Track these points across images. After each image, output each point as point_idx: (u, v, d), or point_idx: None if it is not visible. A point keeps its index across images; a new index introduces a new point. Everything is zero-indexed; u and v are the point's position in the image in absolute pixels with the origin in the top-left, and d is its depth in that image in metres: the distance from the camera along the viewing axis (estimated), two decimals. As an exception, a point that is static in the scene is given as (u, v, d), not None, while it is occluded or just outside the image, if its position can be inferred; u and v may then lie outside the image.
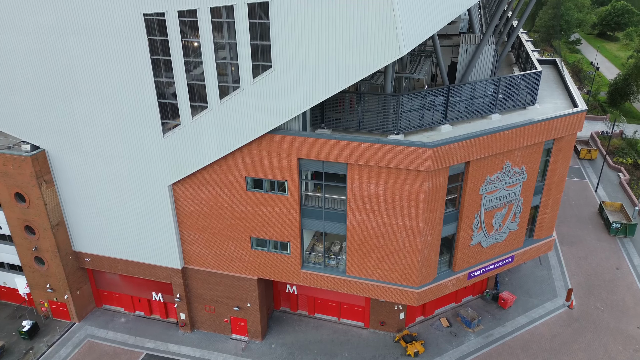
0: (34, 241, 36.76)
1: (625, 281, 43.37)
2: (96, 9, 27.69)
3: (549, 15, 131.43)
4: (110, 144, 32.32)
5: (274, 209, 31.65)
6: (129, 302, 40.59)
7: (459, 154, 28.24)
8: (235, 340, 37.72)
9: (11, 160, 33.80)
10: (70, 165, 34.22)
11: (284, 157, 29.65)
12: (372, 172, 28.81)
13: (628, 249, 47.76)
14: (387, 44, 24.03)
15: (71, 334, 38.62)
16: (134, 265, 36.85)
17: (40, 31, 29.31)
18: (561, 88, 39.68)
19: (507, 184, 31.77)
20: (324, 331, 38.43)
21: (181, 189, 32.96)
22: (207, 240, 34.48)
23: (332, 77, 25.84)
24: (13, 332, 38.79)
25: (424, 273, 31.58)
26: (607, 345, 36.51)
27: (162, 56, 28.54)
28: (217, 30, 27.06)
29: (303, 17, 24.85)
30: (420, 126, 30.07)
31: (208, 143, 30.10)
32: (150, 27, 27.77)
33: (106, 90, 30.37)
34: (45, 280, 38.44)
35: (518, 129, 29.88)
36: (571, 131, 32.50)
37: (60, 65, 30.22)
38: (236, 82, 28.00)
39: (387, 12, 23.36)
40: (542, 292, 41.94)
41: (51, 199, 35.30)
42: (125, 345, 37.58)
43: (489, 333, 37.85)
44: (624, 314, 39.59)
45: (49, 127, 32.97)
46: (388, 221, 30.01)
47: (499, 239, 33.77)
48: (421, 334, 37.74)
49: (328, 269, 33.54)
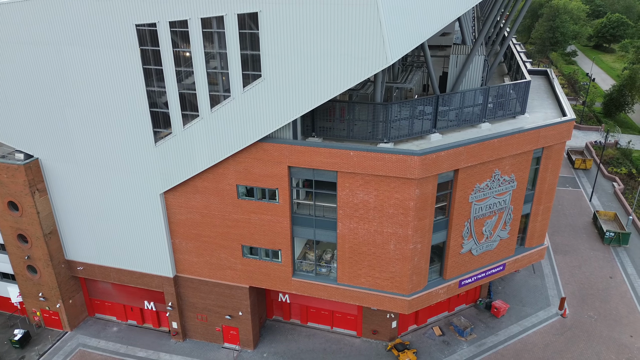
0: (27, 250, 36.87)
1: (618, 290, 43.37)
2: (89, 20, 28.11)
3: (545, 28, 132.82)
4: (103, 153, 32.57)
5: (265, 217, 31.82)
6: (122, 311, 40.57)
7: (447, 162, 28.47)
8: (227, 349, 37.65)
9: (4, 169, 34.03)
10: (63, 174, 34.44)
11: (275, 165, 29.89)
12: (361, 180, 29.03)
13: (622, 258, 47.82)
14: (374, 53, 24.38)
15: (63, 343, 38.55)
16: (126, 273, 36.91)
17: (35, 42, 29.71)
18: (552, 98, 40.11)
19: (496, 192, 31.97)
20: (316, 340, 38.37)
21: (173, 197, 33.16)
22: (198, 249, 34.60)
23: (321, 86, 26.17)
24: (5, 341, 38.72)
25: (414, 281, 31.65)
26: (600, 354, 36.44)
27: (153, 66, 28.92)
28: (208, 41, 27.44)
29: (291, 27, 25.25)
30: (410, 135, 30.34)
31: (199, 151, 30.37)
32: (142, 37, 28.16)
33: (99, 100, 30.70)
34: (38, 289, 38.48)
35: (506, 138, 30.18)
36: (560, 140, 32.78)
37: (54, 76, 30.59)
38: (227, 91, 28.34)
39: (374, 23, 23.75)
40: (535, 301, 41.92)
41: (44, 207, 35.48)
42: (117, 354, 37.50)
43: (481, 342, 37.80)
44: (617, 322, 39.56)
45: (43, 136, 33.26)
46: (378, 229, 30.16)
47: (489, 247, 33.90)
48: (413, 343, 37.67)
49: (319, 277, 33.60)
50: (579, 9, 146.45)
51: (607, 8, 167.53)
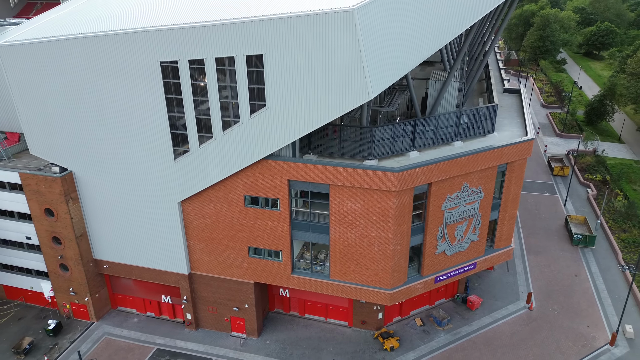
0: (60, 250, 42.28)
1: (581, 287, 48.74)
2: (122, 57, 33.52)
3: (535, 37, 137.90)
4: (129, 167, 37.97)
5: (268, 222, 37.19)
6: (141, 304, 45.99)
7: (421, 177, 33.86)
8: (235, 337, 43.04)
9: (43, 180, 39.44)
10: (93, 184, 39.85)
11: (277, 179, 35.27)
12: (349, 192, 34.41)
13: (588, 258, 53.18)
14: (359, 90, 29.76)
15: (90, 332, 43.98)
16: (146, 271, 42.32)
17: (74, 74, 35.14)
18: (521, 117, 45.47)
19: (466, 202, 37.35)
20: (312, 329, 43.76)
21: (189, 205, 38.55)
22: (210, 249, 39.98)
23: (315, 115, 31.56)
24: (39, 330, 44.14)
25: (395, 277, 37.04)
26: (559, 342, 41.80)
27: (174, 95, 34.32)
28: (221, 75, 32.85)
29: (290, 67, 30.63)
30: (391, 152, 35.79)
31: (212, 167, 35.76)
32: (166, 72, 33.58)
33: (127, 122, 36.09)
34: (69, 285, 43.89)
35: (473, 156, 35.54)
36: (521, 156, 38.14)
37: (90, 102, 36.01)
38: (236, 117, 33.74)
39: (358, 66, 29.10)
40: (506, 296, 47.32)
41: (76, 213, 40.89)
42: (138, 341, 42.91)
43: (457, 331, 43.17)
44: (577, 315, 44.92)
45: (77, 153, 38.66)
46: (364, 233, 35.55)
47: (461, 248, 39.26)
48: (397, 332, 43.05)
49: (315, 274, 38.98)
50: (569, 18, 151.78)
51: (599, 16, 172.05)
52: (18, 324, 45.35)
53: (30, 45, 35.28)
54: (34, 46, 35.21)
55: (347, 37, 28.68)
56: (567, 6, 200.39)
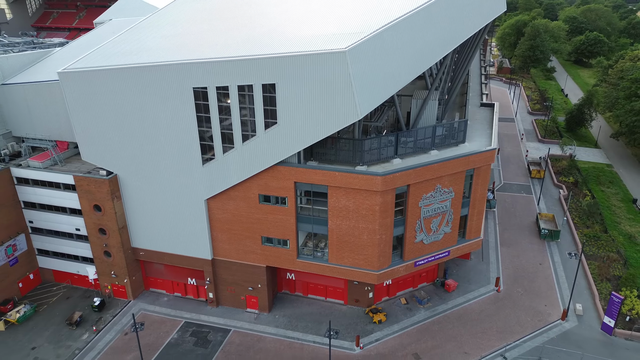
0: (105, 239, 50.86)
1: (544, 273, 57.02)
2: (162, 82, 42.08)
3: (526, 46, 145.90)
4: (165, 171, 46.51)
5: (278, 216, 45.64)
6: (170, 285, 54.55)
7: (401, 179, 42.26)
8: (249, 313, 51.52)
9: (93, 182, 48.06)
10: (134, 185, 48.43)
11: (285, 181, 43.72)
12: (344, 192, 42.84)
13: (552, 250, 61.43)
14: (350, 111, 38.16)
15: (129, 308, 52.55)
16: (176, 257, 50.86)
17: (123, 94, 43.73)
18: (491, 128, 53.78)
19: (439, 200, 45.72)
20: (314, 307, 52.18)
21: (213, 202, 47.06)
22: (230, 239, 48.47)
23: (316, 130, 39.98)
24: (86, 307, 52.74)
25: (381, 261, 45.44)
26: (520, 317, 50.09)
27: (204, 113, 42.83)
28: (242, 98, 41.31)
29: (297, 93, 39.06)
30: (378, 159, 44.21)
31: (233, 171, 44.24)
32: (197, 95, 42.12)
33: (165, 135, 44.64)
34: (110, 269, 52.47)
35: (444, 162, 43.89)
36: (485, 163, 46.46)
37: (135, 117, 44.58)
38: (253, 131, 42.20)
39: (349, 94, 37.49)
40: (479, 280, 55.66)
41: (119, 209, 49.48)
42: (169, 315, 51.46)
43: (435, 308, 51.50)
44: (537, 296, 53.19)
45: (121, 159, 47.26)
46: (356, 225, 43.97)
47: (437, 238, 47.63)
48: (385, 309, 51.42)
49: (316, 258, 47.41)
50: (559, 28, 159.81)
51: (590, 25, 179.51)
52: (67, 302, 53.96)
53: (87, 73, 43.92)
54: (90, 73, 43.84)
55: (340, 71, 37.08)
56: (560, 15, 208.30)
